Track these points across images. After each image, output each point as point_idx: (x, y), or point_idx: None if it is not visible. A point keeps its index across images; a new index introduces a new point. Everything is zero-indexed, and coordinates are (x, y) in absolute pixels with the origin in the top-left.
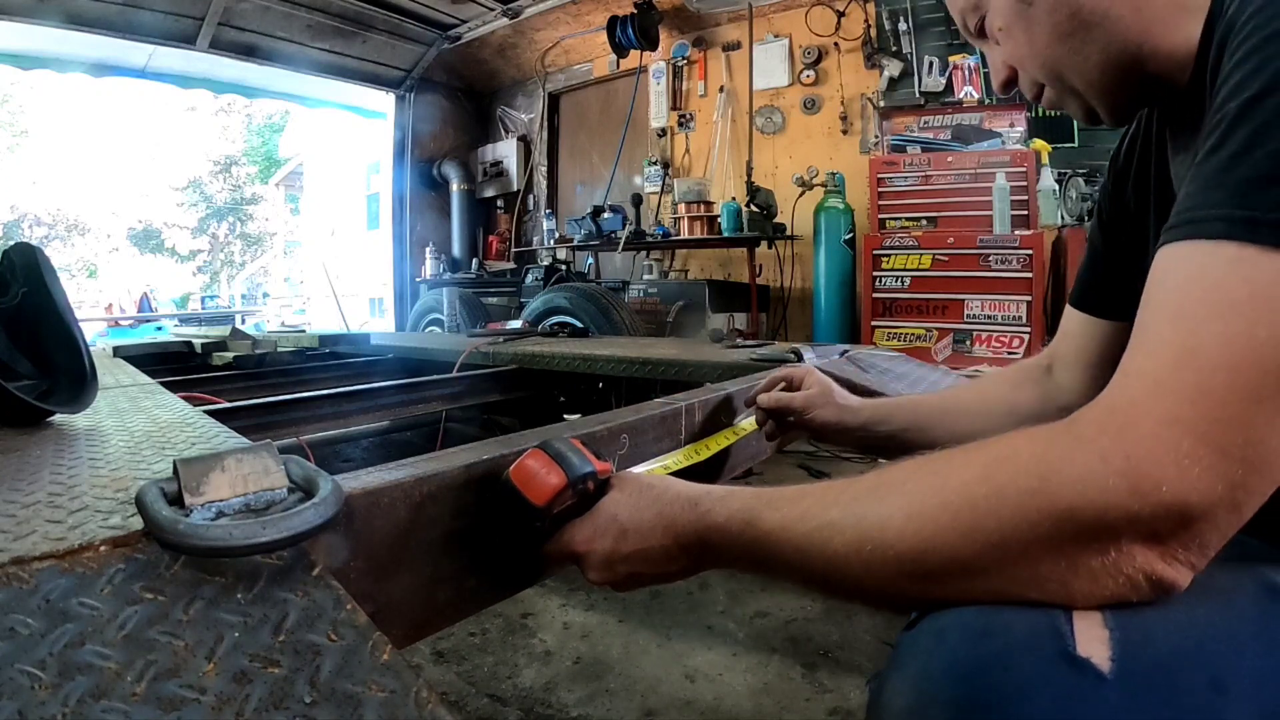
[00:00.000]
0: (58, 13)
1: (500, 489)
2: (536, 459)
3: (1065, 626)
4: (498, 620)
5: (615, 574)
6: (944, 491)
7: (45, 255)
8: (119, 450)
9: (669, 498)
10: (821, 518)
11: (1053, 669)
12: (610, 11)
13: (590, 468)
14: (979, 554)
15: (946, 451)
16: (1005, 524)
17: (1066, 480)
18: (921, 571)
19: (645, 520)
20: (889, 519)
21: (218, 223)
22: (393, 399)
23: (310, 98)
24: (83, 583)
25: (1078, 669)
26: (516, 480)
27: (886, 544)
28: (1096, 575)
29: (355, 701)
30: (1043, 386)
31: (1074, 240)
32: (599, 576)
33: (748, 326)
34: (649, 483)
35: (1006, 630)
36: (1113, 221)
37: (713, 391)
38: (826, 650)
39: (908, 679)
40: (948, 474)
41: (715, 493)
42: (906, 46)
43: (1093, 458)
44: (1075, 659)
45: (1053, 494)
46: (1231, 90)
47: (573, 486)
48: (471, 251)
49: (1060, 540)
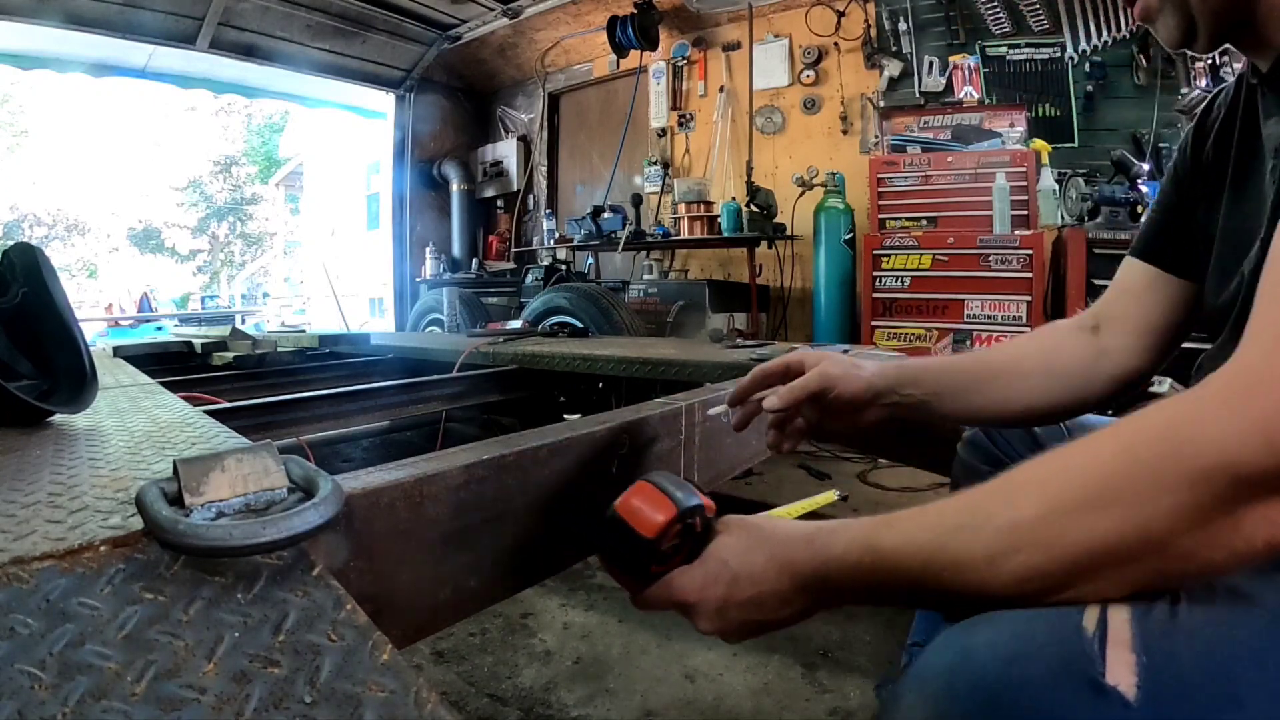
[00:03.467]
0: (58, 13)
1: (608, 523)
2: (643, 492)
3: (1096, 652)
4: (498, 620)
5: (728, 622)
6: (1079, 478)
7: (45, 255)
8: (119, 450)
9: (780, 538)
10: (948, 525)
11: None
12: (610, 11)
13: (698, 501)
14: (1122, 535)
15: (1068, 445)
16: (1144, 496)
17: (1203, 441)
18: (1062, 567)
19: (757, 564)
20: (1022, 518)
21: (218, 223)
22: (393, 399)
23: (310, 98)
24: (83, 583)
25: (1105, 698)
26: (624, 513)
27: (1023, 544)
28: (1234, 542)
29: (355, 701)
30: (1088, 349)
31: (1074, 240)
32: (711, 626)
33: (748, 326)
34: (757, 524)
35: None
36: (1189, 176)
37: (713, 391)
38: (826, 650)
39: (929, 696)
40: (1079, 461)
41: (826, 527)
42: (906, 46)
43: (1227, 416)
44: (1104, 688)
45: (1190, 457)
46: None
47: (681, 520)
48: (471, 251)
49: (1200, 506)
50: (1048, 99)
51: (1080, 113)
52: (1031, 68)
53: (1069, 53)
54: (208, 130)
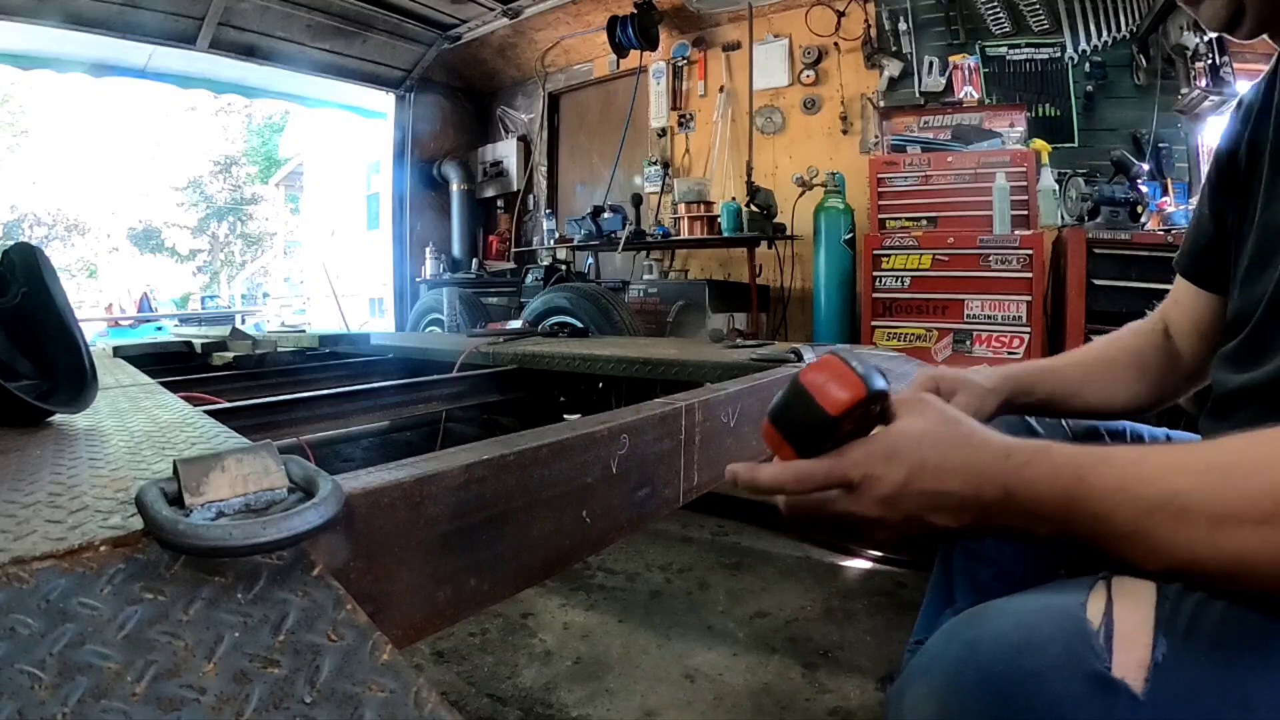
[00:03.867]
0: (58, 13)
1: (791, 391)
2: (831, 367)
3: (1103, 646)
4: (498, 620)
5: (894, 511)
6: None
7: (45, 255)
8: (119, 450)
9: (977, 442)
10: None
11: (1086, 691)
12: (610, 11)
13: (885, 385)
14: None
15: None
16: None
17: None
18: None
19: (950, 459)
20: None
21: (218, 223)
22: (393, 399)
23: (310, 98)
24: (83, 583)
25: (1112, 691)
26: (809, 386)
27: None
28: None
29: (355, 701)
30: (1165, 351)
31: (1074, 240)
32: (876, 510)
33: (748, 326)
34: (955, 418)
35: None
36: (1221, 186)
37: (713, 391)
38: (826, 650)
39: (935, 689)
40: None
41: (1029, 446)
42: (906, 46)
43: None
44: (1109, 681)
45: None
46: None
47: (867, 405)
48: (471, 251)
49: None
50: (1048, 99)
51: (1080, 113)
52: (1031, 68)
53: (1069, 53)
54: (208, 130)
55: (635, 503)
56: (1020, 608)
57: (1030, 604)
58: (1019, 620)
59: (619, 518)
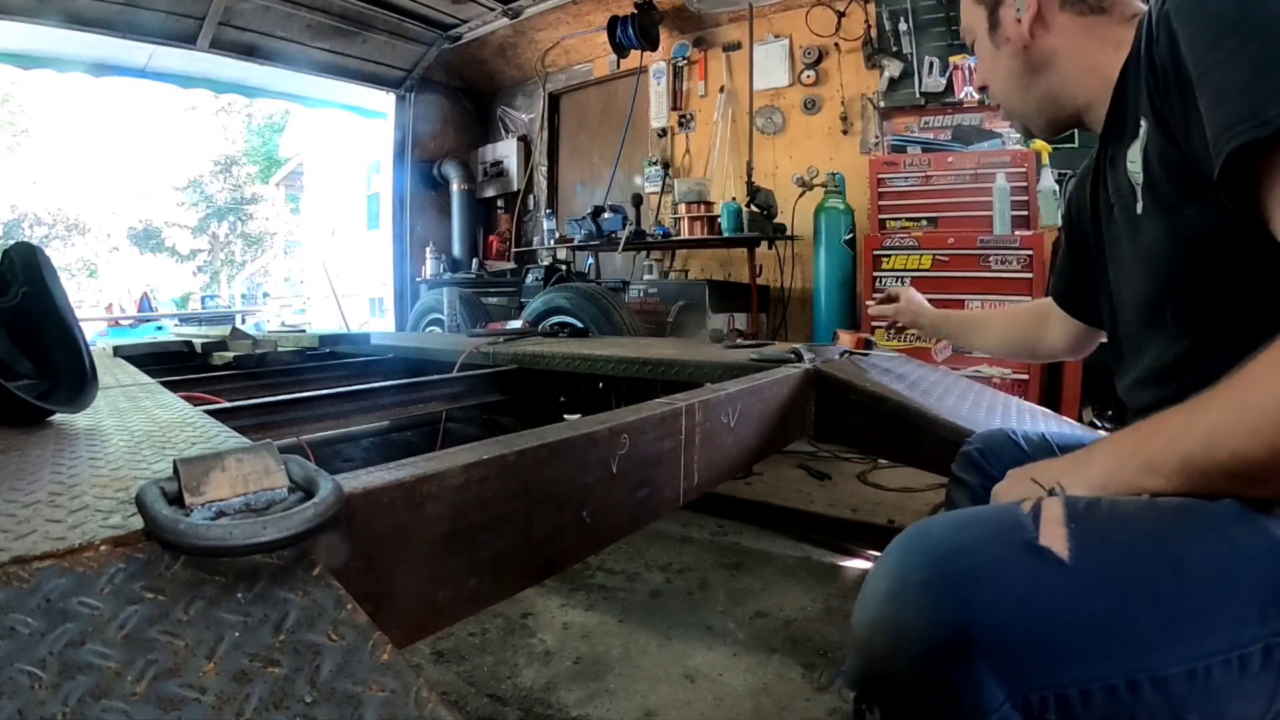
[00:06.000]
0: (58, 13)
1: None
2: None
3: (1030, 524)
4: (498, 620)
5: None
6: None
7: (45, 255)
8: (119, 450)
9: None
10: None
11: (1017, 554)
12: (610, 11)
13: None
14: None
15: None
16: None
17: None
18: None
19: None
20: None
21: (218, 222)
22: (393, 399)
23: (310, 98)
24: (83, 582)
25: (1039, 556)
26: None
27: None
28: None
29: (355, 701)
30: (1042, 329)
31: None
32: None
33: (748, 326)
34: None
35: (980, 524)
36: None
37: (713, 391)
38: (826, 650)
39: (890, 568)
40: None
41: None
42: (907, 47)
43: None
44: (1037, 548)
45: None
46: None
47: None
48: (472, 251)
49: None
50: None
51: None
52: None
53: None
54: (208, 130)
55: (635, 503)
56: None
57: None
58: (961, 514)
59: (619, 518)
